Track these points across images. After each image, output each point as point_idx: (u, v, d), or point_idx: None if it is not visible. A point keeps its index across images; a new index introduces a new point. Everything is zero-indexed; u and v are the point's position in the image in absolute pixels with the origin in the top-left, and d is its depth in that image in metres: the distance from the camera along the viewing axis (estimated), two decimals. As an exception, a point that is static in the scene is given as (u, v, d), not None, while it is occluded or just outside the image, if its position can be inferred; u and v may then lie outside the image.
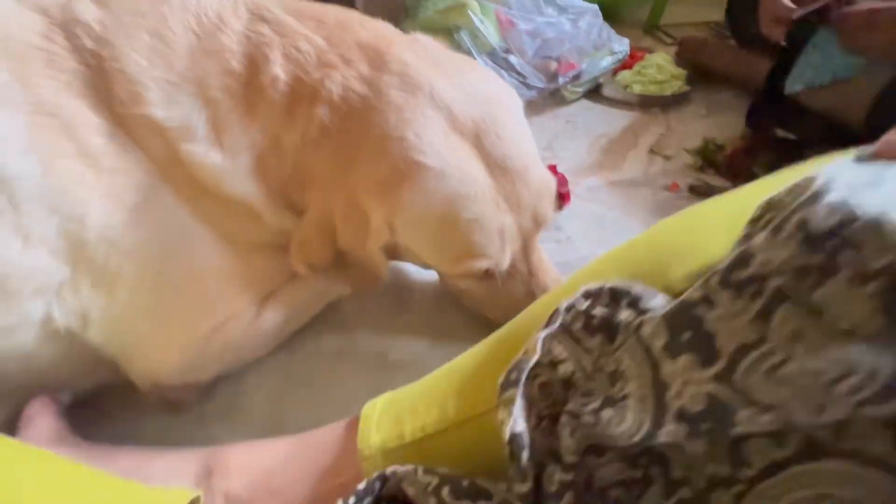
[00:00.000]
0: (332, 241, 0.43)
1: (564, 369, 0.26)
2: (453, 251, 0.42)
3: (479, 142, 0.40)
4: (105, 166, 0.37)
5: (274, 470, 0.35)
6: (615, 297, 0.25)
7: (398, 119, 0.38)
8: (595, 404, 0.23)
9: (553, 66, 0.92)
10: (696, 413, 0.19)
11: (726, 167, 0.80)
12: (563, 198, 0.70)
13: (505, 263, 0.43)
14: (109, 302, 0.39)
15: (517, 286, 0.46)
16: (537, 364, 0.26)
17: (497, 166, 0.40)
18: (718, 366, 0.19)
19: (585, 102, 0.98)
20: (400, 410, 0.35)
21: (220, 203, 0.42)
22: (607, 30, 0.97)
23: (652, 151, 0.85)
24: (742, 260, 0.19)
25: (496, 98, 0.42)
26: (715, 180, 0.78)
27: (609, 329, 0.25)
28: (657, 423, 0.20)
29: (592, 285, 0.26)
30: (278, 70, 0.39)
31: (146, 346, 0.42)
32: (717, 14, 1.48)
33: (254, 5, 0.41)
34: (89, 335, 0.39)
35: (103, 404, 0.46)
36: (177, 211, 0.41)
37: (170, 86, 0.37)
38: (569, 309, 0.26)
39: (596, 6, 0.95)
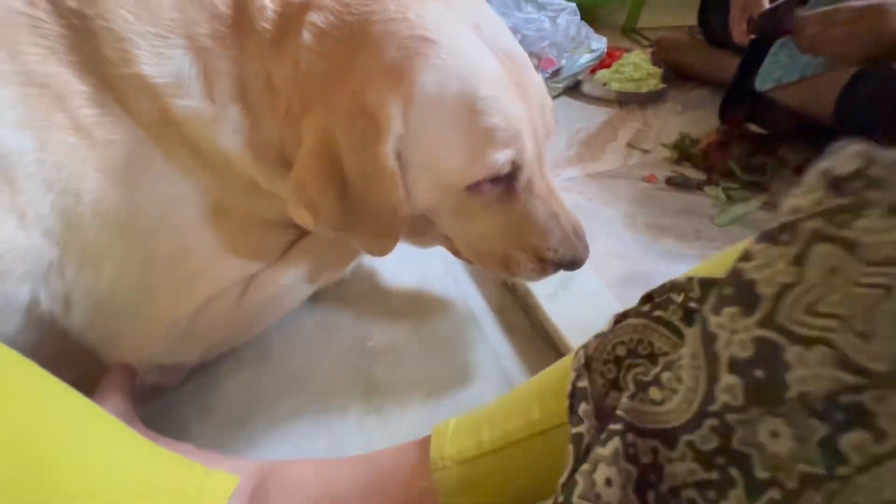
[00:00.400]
0: (334, 171, 0.36)
1: (635, 341, 0.27)
2: (473, 140, 0.37)
3: (479, 31, 0.38)
4: (98, 137, 0.35)
5: (337, 492, 0.33)
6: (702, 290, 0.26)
7: (398, 5, 0.36)
8: (656, 369, 0.24)
9: (533, 62, 0.93)
10: (747, 359, 0.19)
11: (701, 160, 0.82)
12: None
13: (529, 154, 0.38)
14: (95, 282, 0.37)
15: (538, 205, 0.41)
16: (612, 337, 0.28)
17: (502, 52, 0.38)
18: (762, 311, 0.19)
19: (565, 99, 1.00)
20: (477, 422, 0.34)
21: (213, 168, 0.40)
22: (585, 28, 1.00)
23: (630, 145, 0.86)
24: (777, 216, 0.20)
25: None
26: (691, 172, 0.80)
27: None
28: (712, 378, 0.20)
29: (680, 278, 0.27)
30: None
31: (130, 326, 0.40)
32: (692, 18, 1.53)
33: None
34: (71, 319, 0.37)
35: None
36: (169, 180, 0.39)
37: (159, 39, 0.35)
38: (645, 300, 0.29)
39: (574, 5, 0.97)
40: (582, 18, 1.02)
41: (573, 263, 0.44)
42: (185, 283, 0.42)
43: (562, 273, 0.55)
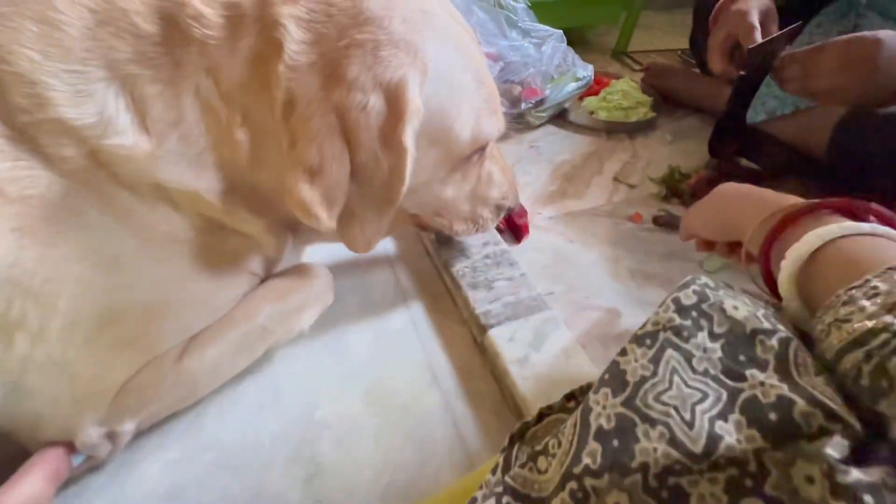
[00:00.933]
0: (345, 154, 0.34)
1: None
2: (477, 110, 0.40)
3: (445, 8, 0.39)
4: (12, 194, 0.31)
5: None
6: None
7: None
8: (546, 439, 0.31)
9: (517, 90, 0.90)
10: (609, 430, 0.25)
11: (690, 197, 0.77)
12: (521, 230, 0.66)
13: (502, 127, 0.44)
14: (4, 359, 0.33)
15: (493, 165, 0.50)
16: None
17: (467, 31, 0.41)
18: (626, 394, 0.26)
19: (550, 128, 0.96)
20: None
21: (157, 210, 0.36)
22: (572, 55, 0.96)
23: (616, 179, 0.82)
24: (643, 325, 0.29)
25: None
26: (679, 210, 0.75)
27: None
28: (582, 442, 0.26)
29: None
30: (199, 5, 0.32)
31: (51, 406, 0.36)
32: (684, 41, 1.51)
33: None
34: None
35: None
36: (101, 232, 0.35)
37: (74, 76, 0.31)
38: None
39: (560, 31, 0.94)
40: (571, 41, 0.98)
41: (514, 205, 0.55)
42: (114, 350, 0.37)
43: (534, 331, 0.51)
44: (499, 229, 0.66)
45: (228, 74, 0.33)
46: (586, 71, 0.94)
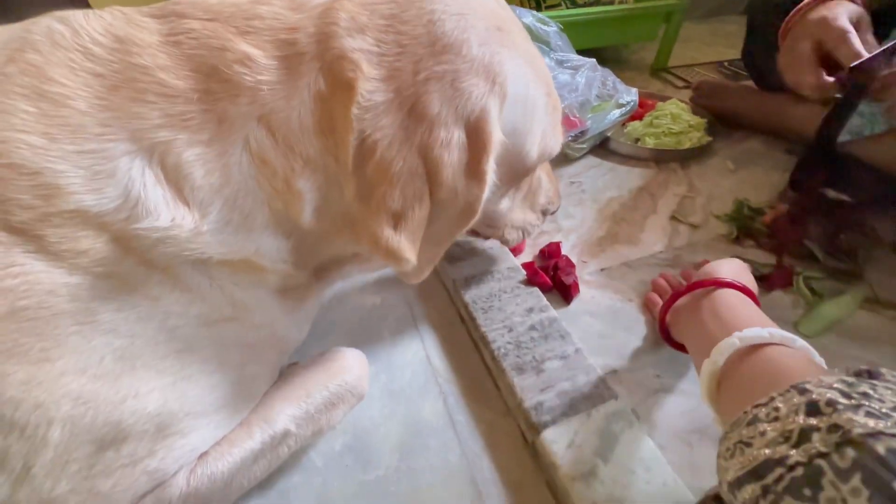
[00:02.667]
0: (427, 191, 0.31)
1: None
2: (545, 127, 0.38)
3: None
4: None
5: None
6: None
7: (458, 2, 0.31)
8: None
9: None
10: None
11: (769, 238, 0.65)
12: (569, 291, 0.56)
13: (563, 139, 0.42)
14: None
15: (542, 171, 0.49)
16: None
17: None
18: None
19: (592, 159, 0.86)
20: None
21: (189, 288, 0.31)
22: (612, 78, 0.87)
23: (675, 218, 0.71)
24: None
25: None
26: (755, 254, 0.64)
27: None
28: None
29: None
30: (246, 47, 0.28)
31: None
32: (728, 52, 1.39)
33: (154, 8, 0.30)
34: None
35: None
36: (113, 333, 0.29)
37: (90, 156, 0.26)
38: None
39: (594, 60, 0.85)
40: (605, 60, 0.90)
41: (557, 208, 0.55)
42: (114, 477, 0.31)
43: (600, 433, 0.41)
44: (543, 290, 0.56)
45: (286, 120, 0.29)
46: (630, 95, 0.85)
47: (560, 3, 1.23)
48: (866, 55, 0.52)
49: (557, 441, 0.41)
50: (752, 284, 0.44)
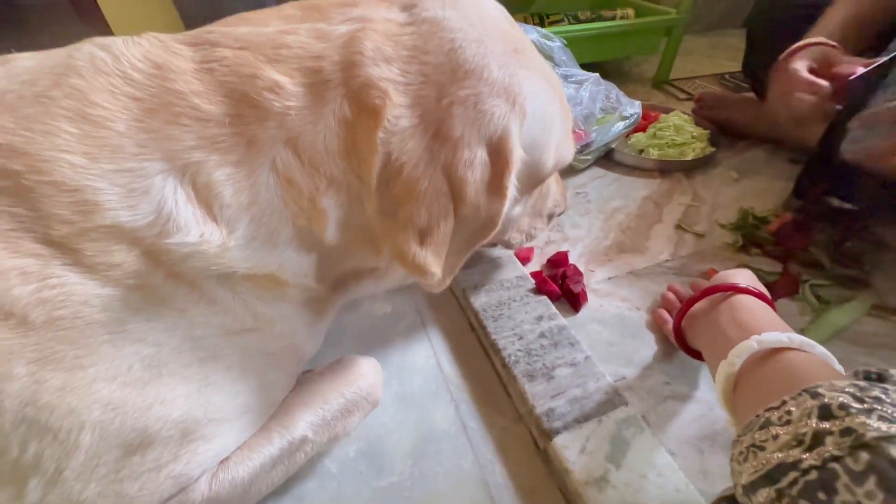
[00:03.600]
0: (451, 208, 0.33)
1: None
2: (560, 138, 0.40)
3: None
4: (37, 320, 0.27)
5: None
6: None
7: (467, 24, 0.33)
8: None
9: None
10: None
11: (774, 246, 0.66)
12: (578, 299, 0.57)
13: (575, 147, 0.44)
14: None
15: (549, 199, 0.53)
16: None
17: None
18: None
19: (597, 170, 0.88)
20: None
21: (214, 301, 0.32)
22: (616, 92, 0.89)
23: (680, 227, 0.72)
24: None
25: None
26: (761, 262, 0.65)
27: None
28: None
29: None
30: (274, 75, 0.30)
31: None
32: (729, 64, 1.41)
33: (189, 35, 0.32)
34: None
35: None
36: (142, 342, 0.30)
37: (126, 175, 0.28)
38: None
39: (597, 75, 0.87)
40: (607, 73, 0.92)
41: (563, 211, 0.57)
42: (140, 481, 0.32)
43: (611, 438, 0.42)
44: (552, 298, 0.57)
45: (312, 143, 0.31)
46: (633, 108, 0.86)
47: (563, 18, 1.27)
48: (861, 69, 0.53)
49: (569, 447, 0.41)
50: (765, 293, 0.44)
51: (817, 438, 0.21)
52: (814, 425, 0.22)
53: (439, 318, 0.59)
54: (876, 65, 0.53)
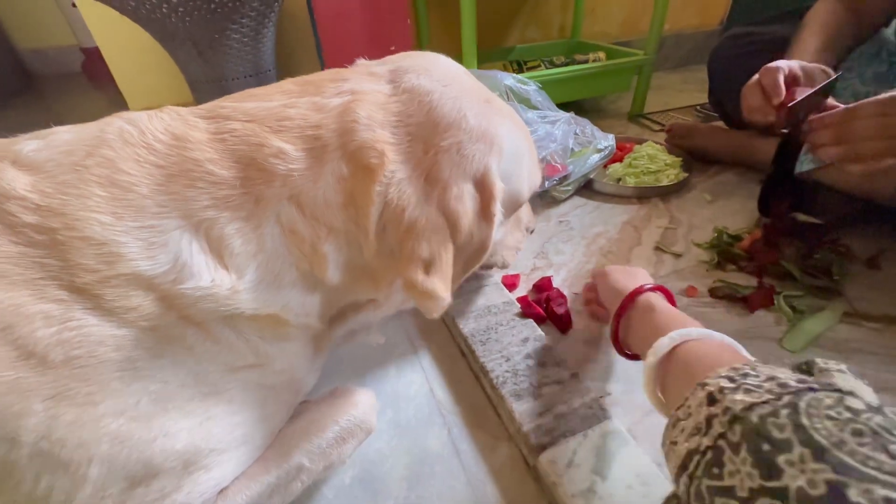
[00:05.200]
0: (448, 237, 0.38)
1: None
2: (532, 167, 0.47)
3: None
4: (56, 359, 0.30)
5: None
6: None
7: (443, 80, 0.40)
8: None
9: (541, 167, 0.88)
10: None
11: (748, 262, 0.69)
12: (563, 320, 0.60)
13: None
14: None
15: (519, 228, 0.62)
16: None
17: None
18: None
19: (578, 199, 0.92)
20: None
21: (219, 340, 0.35)
22: (590, 127, 0.95)
23: (659, 248, 0.76)
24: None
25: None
26: (737, 277, 0.68)
27: None
28: None
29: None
30: (278, 143, 0.35)
31: None
32: (699, 97, 1.50)
33: (203, 109, 0.37)
34: None
35: None
36: (150, 379, 0.33)
37: (147, 231, 0.32)
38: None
39: (570, 113, 0.94)
40: (584, 110, 0.99)
41: (533, 225, 0.67)
42: None
43: (596, 451, 0.43)
44: (538, 321, 0.60)
45: (313, 198, 0.35)
46: (607, 141, 0.93)
47: (539, 64, 1.37)
48: (796, 92, 0.58)
49: (556, 461, 0.42)
50: (646, 277, 0.50)
51: (709, 422, 0.24)
52: (705, 412, 0.25)
53: (430, 345, 0.61)
54: (815, 89, 0.58)
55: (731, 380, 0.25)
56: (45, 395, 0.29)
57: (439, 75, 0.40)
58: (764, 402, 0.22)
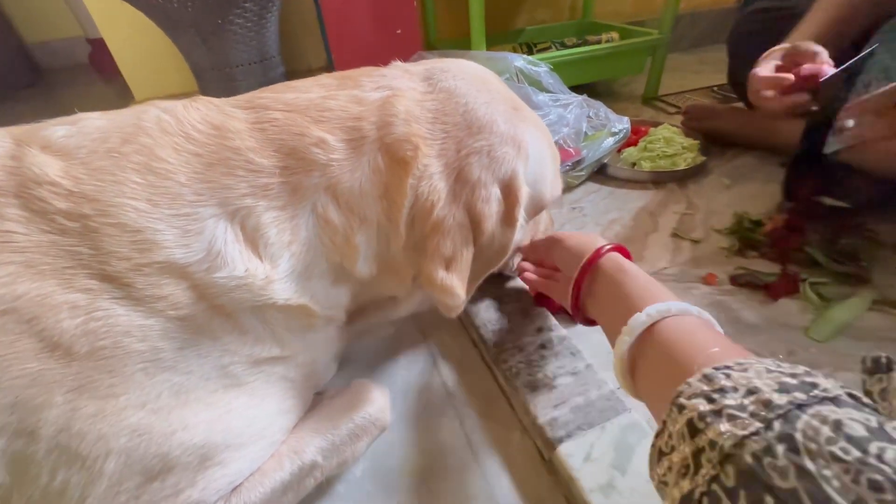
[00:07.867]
0: (471, 238, 0.39)
1: None
2: (555, 171, 0.47)
3: None
4: (80, 350, 0.29)
5: None
6: None
7: (477, 88, 0.40)
8: None
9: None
10: None
11: (770, 248, 0.67)
12: (576, 309, 0.58)
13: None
14: None
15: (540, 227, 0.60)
16: None
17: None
18: None
19: (591, 185, 0.90)
20: None
21: (246, 331, 0.35)
22: (604, 109, 0.92)
23: (676, 235, 0.73)
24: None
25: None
26: (759, 264, 0.65)
27: None
28: None
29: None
30: (319, 133, 0.35)
31: None
32: (715, 77, 1.45)
33: (240, 100, 0.37)
34: None
35: None
36: (174, 370, 0.32)
37: (183, 219, 0.32)
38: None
39: (583, 96, 0.91)
40: (598, 93, 0.96)
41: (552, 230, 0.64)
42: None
43: (615, 444, 0.42)
44: (551, 310, 0.58)
45: (349, 188, 0.36)
46: (622, 124, 0.89)
47: (550, 46, 1.32)
48: (829, 71, 0.55)
49: (574, 455, 0.41)
50: (602, 239, 0.45)
51: (696, 460, 0.21)
52: (689, 448, 0.22)
53: (442, 337, 0.60)
54: (847, 65, 0.55)
55: (709, 398, 0.22)
56: (68, 387, 0.29)
57: (473, 79, 0.41)
58: (754, 434, 0.19)
